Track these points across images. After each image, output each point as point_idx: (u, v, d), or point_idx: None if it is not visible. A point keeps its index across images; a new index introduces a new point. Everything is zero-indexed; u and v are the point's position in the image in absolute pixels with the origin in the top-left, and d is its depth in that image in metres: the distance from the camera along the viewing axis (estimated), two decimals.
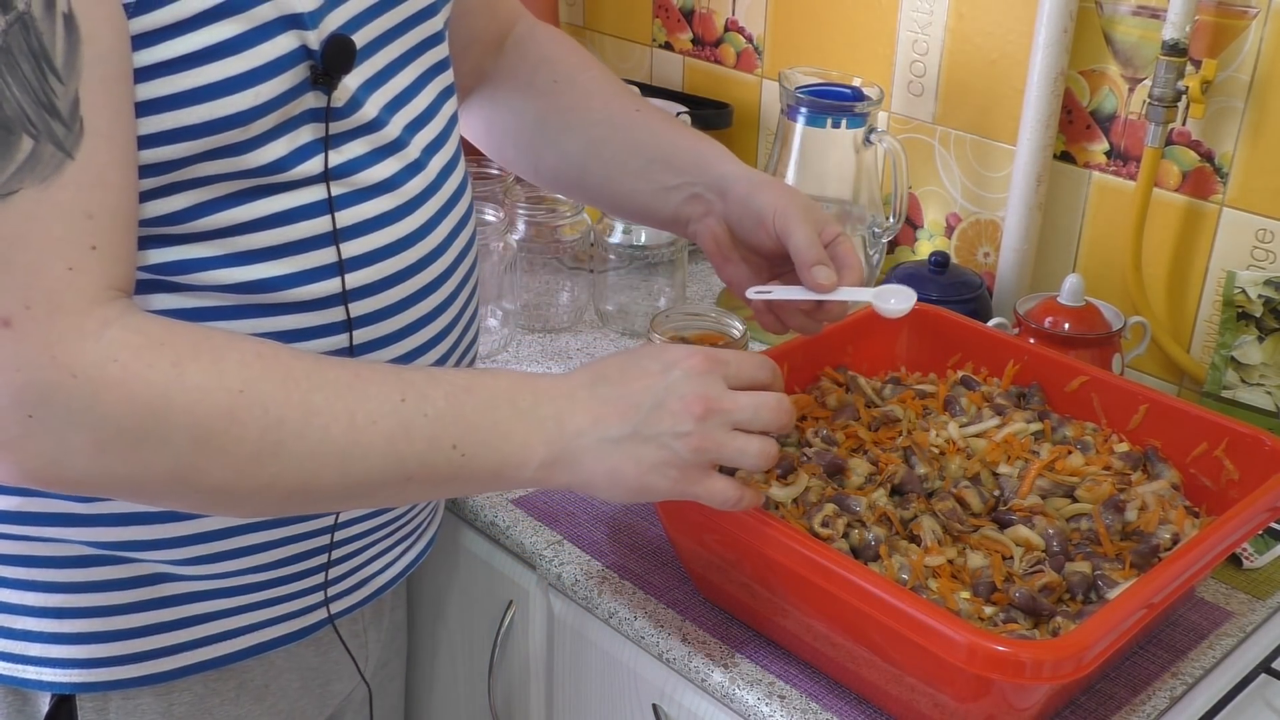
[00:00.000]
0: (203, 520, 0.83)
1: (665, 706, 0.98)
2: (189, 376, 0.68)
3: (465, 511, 1.12)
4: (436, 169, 0.87)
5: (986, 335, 1.14)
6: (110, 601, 0.84)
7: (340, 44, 0.75)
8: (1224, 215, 1.24)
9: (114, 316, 0.67)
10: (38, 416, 0.66)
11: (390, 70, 0.83)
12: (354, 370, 0.73)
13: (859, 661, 0.87)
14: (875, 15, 1.46)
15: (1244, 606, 1.00)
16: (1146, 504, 0.94)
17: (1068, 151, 1.34)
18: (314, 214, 0.78)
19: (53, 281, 0.65)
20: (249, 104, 0.71)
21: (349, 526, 0.90)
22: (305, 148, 0.76)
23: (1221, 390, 1.20)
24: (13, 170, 0.63)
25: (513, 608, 1.11)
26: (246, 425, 0.69)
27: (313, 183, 0.77)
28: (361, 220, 0.80)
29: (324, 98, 0.75)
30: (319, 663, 0.97)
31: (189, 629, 0.87)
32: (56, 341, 0.65)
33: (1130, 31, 1.24)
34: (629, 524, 1.08)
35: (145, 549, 0.83)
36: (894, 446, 1.01)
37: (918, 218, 1.49)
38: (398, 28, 0.84)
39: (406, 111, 0.84)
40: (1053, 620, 0.85)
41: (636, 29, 1.77)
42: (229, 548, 0.85)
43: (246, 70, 0.70)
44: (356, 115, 0.79)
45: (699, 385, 0.78)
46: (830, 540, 0.90)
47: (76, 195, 0.65)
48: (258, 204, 0.75)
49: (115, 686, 0.86)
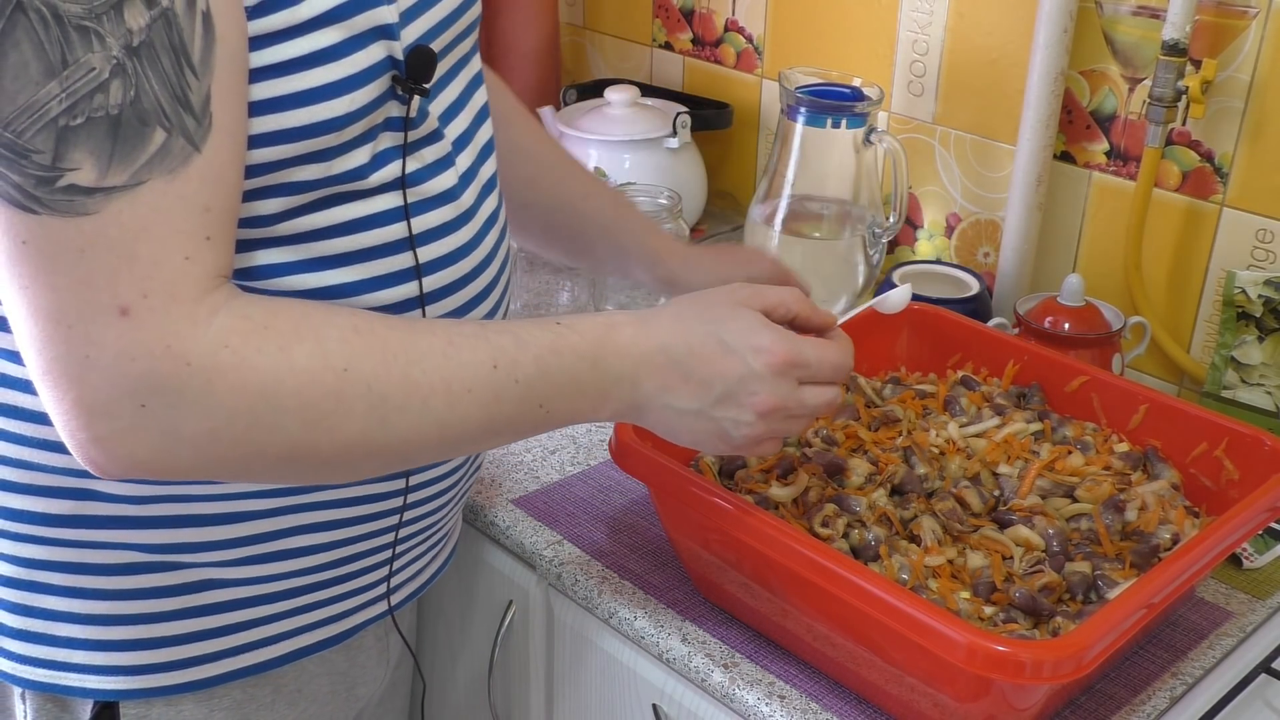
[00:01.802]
0: (253, 523, 0.84)
1: (665, 707, 0.98)
2: (297, 359, 0.69)
3: (466, 512, 1.12)
4: (484, 179, 0.89)
5: (986, 335, 1.14)
6: (156, 609, 0.85)
7: (422, 55, 0.77)
8: (1224, 215, 1.24)
9: (221, 302, 0.68)
10: (150, 406, 0.66)
11: (443, 81, 0.84)
12: (446, 338, 0.75)
13: (859, 661, 0.87)
14: (875, 15, 1.46)
15: (1244, 606, 1.00)
16: (1146, 504, 0.94)
17: (1068, 151, 1.34)
18: (390, 220, 0.79)
19: (171, 272, 0.66)
20: (344, 110, 0.73)
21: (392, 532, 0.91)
22: (383, 154, 0.78)
23: (1221, 390, 1.20)
24: (144, 161, 0.64)
25: (513, 608, 1.11)
26: (353, 404, 0.71)
27: (389, 190, 0.79)
28: (430, 228, 0.82)
29: (402, 106, 0.77)
30: (347, 667, 0.98)
31: (233, 636, 0.87)
32: (172, 330, 0.66)
33: (1130, 31, 1.24)
34: (629, 524, 1.08)
35: (196, 551, 0.83)
36: (894, 446, 1.01)
37: (918, 218, 1.49)
38: (453, 42, 0.85)
39: (457, 123, 0.86)
40: (1053, 620, 0.85)
41: (636, 29, 1.77)
42: (276, 549, 0.85)
43: (344, 77, 0.72)
44: (424, 125, 0.80)
45: (773, 387, 0.80)
46: (830, 540, 0.90)
47: (200, 189, 0.66)
48: (337, 210, 0.77)
49: (159, 694, 0.87)
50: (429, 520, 0.95)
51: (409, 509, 0.91)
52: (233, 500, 0.82)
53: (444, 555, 1.03)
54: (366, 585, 0.93)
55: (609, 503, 1.10)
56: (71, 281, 0.64)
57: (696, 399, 0.80)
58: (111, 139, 0.63)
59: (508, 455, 1.17)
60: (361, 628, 0.95)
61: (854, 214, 1.35)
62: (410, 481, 0.89)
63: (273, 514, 0.84)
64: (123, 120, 0.63)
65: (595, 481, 1.14)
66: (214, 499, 0.82)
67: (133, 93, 0.63)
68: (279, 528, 0.85)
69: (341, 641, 0.94)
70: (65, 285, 0.64)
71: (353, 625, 0.94)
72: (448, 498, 0.95)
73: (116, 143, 0.63)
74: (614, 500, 1.11)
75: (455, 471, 0.94)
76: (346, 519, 0.87)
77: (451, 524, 1.02)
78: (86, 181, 0.63)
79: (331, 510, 0.86)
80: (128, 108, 0.63)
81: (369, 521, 0.89)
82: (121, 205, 0.64)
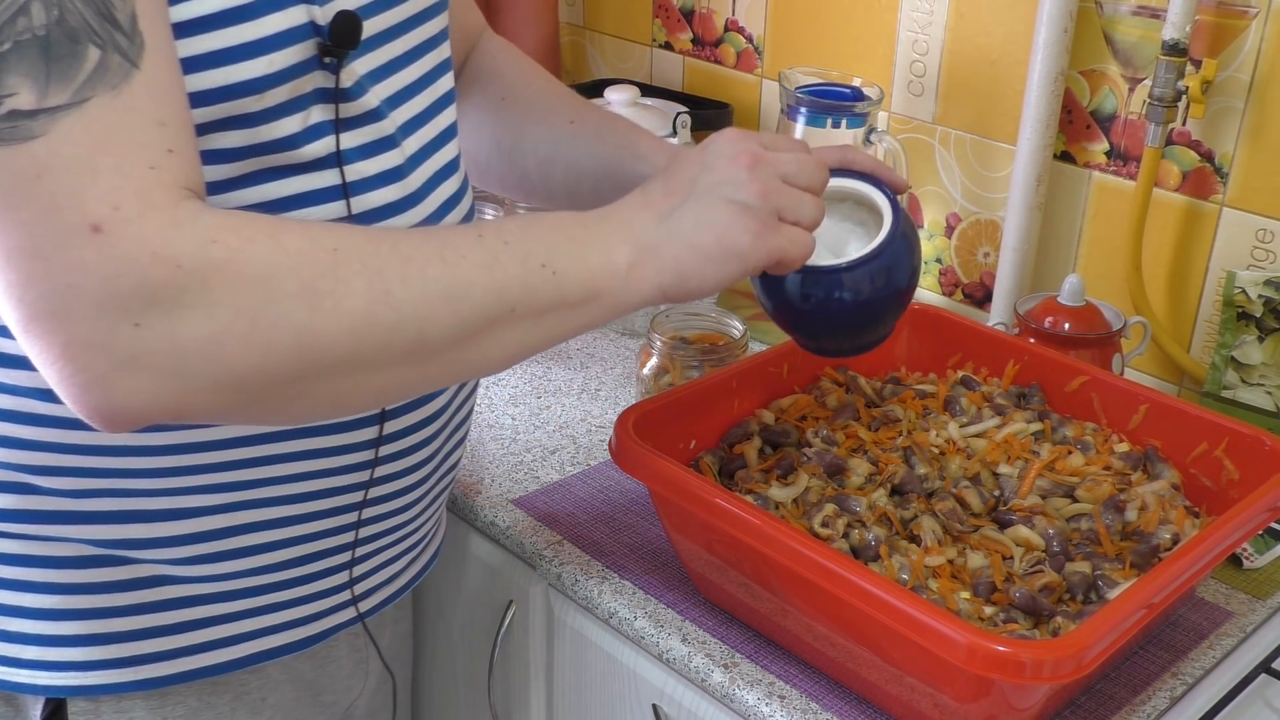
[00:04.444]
0: (201, 519, 0.82)
1: (665, 706, 0.98)
2: (287, 243, 0.67)
3: (466, 512, 1.12)
4: (442, 162, 0.87)
5: (986, 335, 1.14)
6: (108, 603, 0.84)
7: (346, 20, 0.75)
8: (1224, 215, 1.24)
9: (200, 208, 0.66)
10: (146, 323, 0.63)
11: (396, 65, 0.83)
12: (422, 229, 0.75)
13: (859, 661, 0.87)
14: (875, 15, 1.46)
15: (1244, 606, 1.00)
16: (1146, 504, 0.94)
17: (1068, 151, 1.34)
18: (327, 199, 0.78)
19: (139, 180, 0.63)
20: (261, 71, 0.71)
21: (351, 532, 0.90)
22: (317, 127, 0.77)
23: (1221, 390, 1.20)
24: (83, 79, 0.63)
25: (513, 608, 1.11)
26: (351, 279, 0.68)
27: (325, 166, 0.78)
28: (372, 208, 0.81)
29: (332, 77, 0.76)
30: (315, 675, 0.96)
31: (187, 634, 0.86)
32: (154, 236, 0.63)
33: (1130, 31, 1.24)
34: (629, 524, 1.08)
35: (144, 547, 0.82)
36: (894, 446, 1.01)
37: (918, 217, 1.49)
38: (407, 22, 0.84)
39: (410, 106, 0.84)
40: (1053, 620, 0.85)
41: (636, 29, 1.77)
42: (229, 547, 0.84)
43: (259, 38, 0.71)
44: (360, 101, 0.79)
45: (740, 143, 0.81)
46: (830, 540, 0.90)
47: (149, 104, 0.64)
48: (272, 185, 0.76)
49: (108, 690, 0.85)
50: (397, 520, 0.93)
51: (369, 506, 0.89)
52: (178, 495, 0.81)
53: (424, 559, 1.01)
54: (330, 589, 0.91)
55: (609, 503, 1.10)
56: (37, 211, 0.61)
57: (681, 193, 0.79)
58: (44, 60, 0.61)
59: (507, 455, 1.17)
60: (331, 633, 0.93)
61: None
62: (373, 475, 0.87)
63: (221, 510, 0.82)
64: (51, 40, 0.62)
65: (595, 481, 1.14)
66: (158, 494, 0.81)
67: (56, 12, 0.62)
68: (229, 524, 0.83)
69: (307, 647, 0.92)
70: (31, 216, 0.62)
71: (319, 630, 0.92)
72: (416, 496, 0.93)
73: (50, 63, 0.62)
74: (614, 500, 1.11)
75: (422, 466, 0.92)
76: (300, 515, 0.86)
77: (430, 527, 1.00)
78: (27, 105, 0.61)
79: (284, 506, 0.85)
80: (54, 27, 0.62)
81: (325, 518, 0.87)
82: (71, 123, 0.62)
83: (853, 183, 0.92)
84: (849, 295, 0.88)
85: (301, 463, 0.84)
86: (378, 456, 0.87)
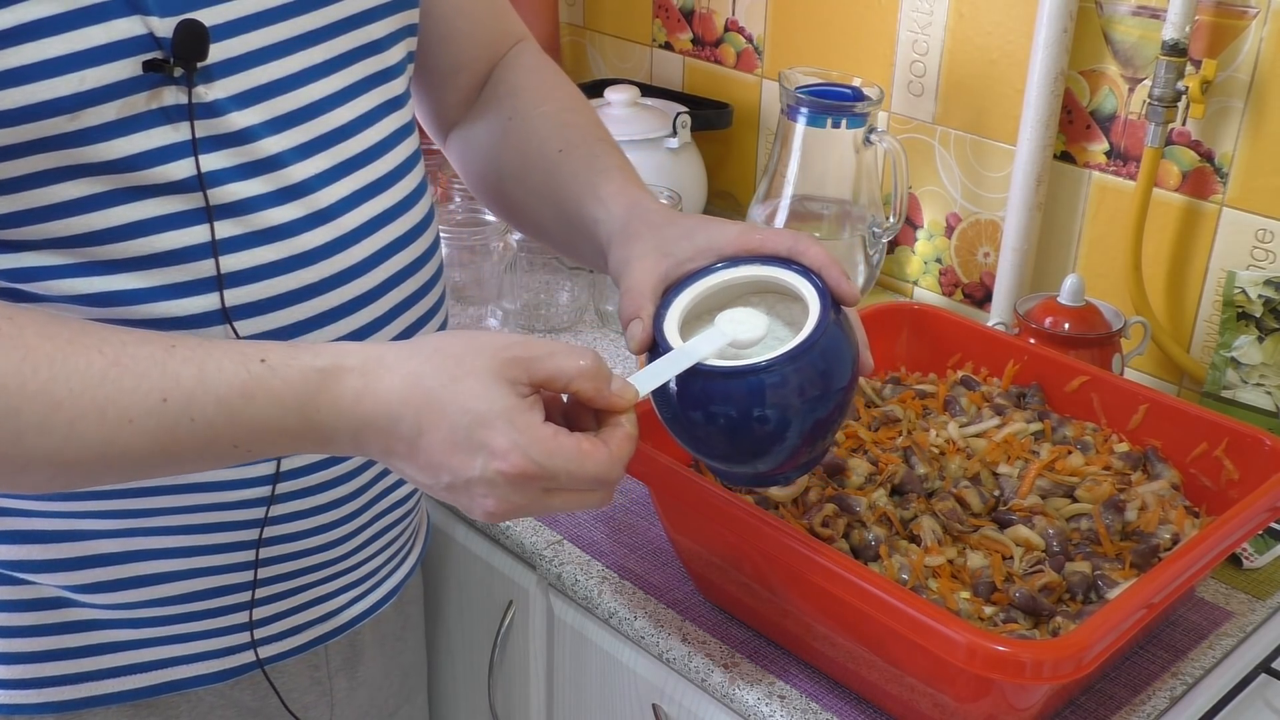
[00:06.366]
0: (96, 542, 0.80)
1: (665, 706, 0.98)
2: None
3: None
4: (349, 189, 0.81)
5: (986, 335, 1.14)
6: (10, 623, 0.82)
7: (189, 31, 0.69)
8: (1224, 215, 1.24)
9: None
10: None
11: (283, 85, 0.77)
12: (114, 358, 0.66)
13: (859, 661, 0.87)
14: (875, 15, 1.46)
15: (1244, 606, 1.00)
16: (1146, 504, 0.94)
17: (1068, 151, 1.34)
18: (187, 223, 0.73)
19: None
20: (71, 89, 0.66)
21: (271, 565, 0.85)
22: (171, 148, 0.71)
23: (1221, 390, 1.20)
24: None
25: (513, 608, 1.11)
26: None
27: (187, 189, 0.72)
28: (265, 228, 0.75)
29: (181, 92, 0.70)
30: (258, 705, 0.92)
31: (96, 658, 0.84)
32: None
33: (1130, 31, 1.24)
34: (629, 524, 1.08)
35: (40, 570, 0.80)
36: (894, 446, 1.01)
37: (918, 218, 1.49)
38: (292, 42, 0.77)
39: (304, 129, 0.78)
40: (1053, 620, 0.85)
41: (636, 29, 1.77)
42: (127, 575, 0.82)
43: (65, 54, 0.66)
44: (225, 119, 0.73)
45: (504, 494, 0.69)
46: (830, 540, 0.90)
47: None
48: (120, 209, 0.71)
49: (16, 711, 0.83)
50: (314, 560, 0.88)
51: (266, 545, 0.84)
52: (72, 519, 0.79)
53: (373, 598, 0.96)
54: (244, 624, 0.87)
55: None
56: None
57: (425, 477, 0.70)
58: None
59: None
60: (254, 667, 0.89)
61: (854, 214, 1.35)
62: (269, 514, 0.83)
63: (115, 535, 0.80)
64: None
65: None
66: (53, 515, 0.79)
67: None
68: (125, 549, 0.81)
69: (234, 678, 0.89)
70: None
71: (243, 663, 0.88)
72: (333, 538, 0.88)
73: None
74: (614, 500, 1.11)
75: (335, 508, 0.87)
76: (194, 547, 0.82)
77: (368, 565, 0.94)
78: None
79: (178, 536, 0.81)
80: None
81: (220, 553, 0.83)
82: None
83: (790, 278, 0.79)
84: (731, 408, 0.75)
85: (196, 495, 0.81)
86: (274, 494, 0.82)
